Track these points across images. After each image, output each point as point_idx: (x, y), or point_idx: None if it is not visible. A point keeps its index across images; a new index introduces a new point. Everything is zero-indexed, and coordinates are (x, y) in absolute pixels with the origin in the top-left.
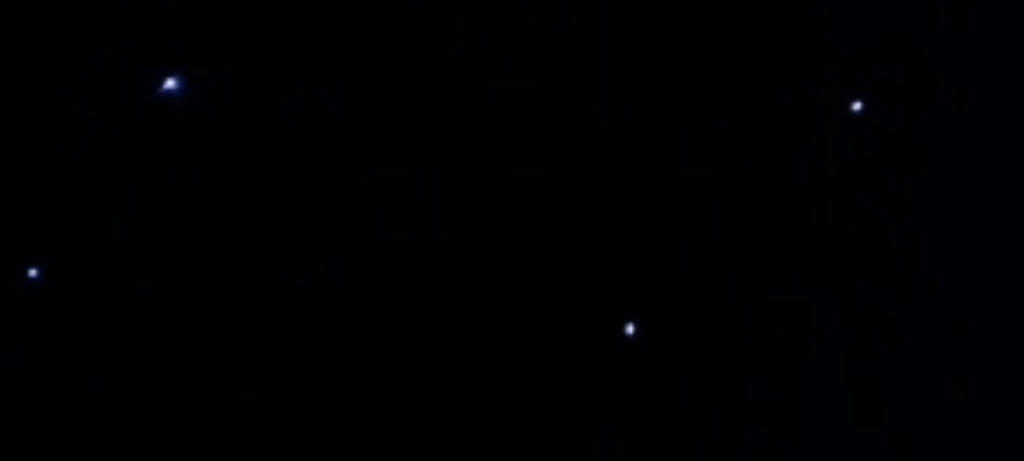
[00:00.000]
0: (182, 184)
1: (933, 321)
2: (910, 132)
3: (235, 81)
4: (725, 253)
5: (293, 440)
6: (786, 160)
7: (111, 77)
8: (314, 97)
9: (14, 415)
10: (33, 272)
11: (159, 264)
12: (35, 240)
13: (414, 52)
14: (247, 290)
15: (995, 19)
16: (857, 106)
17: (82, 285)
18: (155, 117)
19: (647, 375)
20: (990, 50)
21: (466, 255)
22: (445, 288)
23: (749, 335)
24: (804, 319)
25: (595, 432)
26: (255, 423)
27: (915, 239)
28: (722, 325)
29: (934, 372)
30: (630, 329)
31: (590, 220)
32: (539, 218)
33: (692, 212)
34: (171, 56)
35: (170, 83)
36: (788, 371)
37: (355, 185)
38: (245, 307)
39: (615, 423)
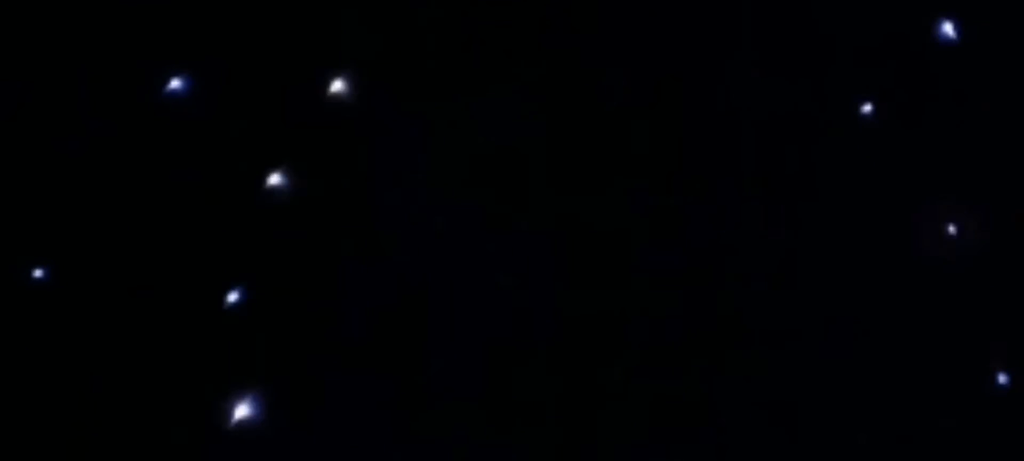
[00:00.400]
0: (187, 186)
1: (937, 323)
2: (915, 134)
3: (240, 82)
4: (729, 254)
5: (294, 440)
6: (790, 162)
7: (116, 78)
8: (318, 98)
9: (14, 415)
10: (38, 273)
11: (164, 266)
12: (41, 242)
13: (418, 52)
14: (251, 291)
15: (999, 19)
16: (867, 108)
17: (87, 287)
18: (160, 118)
19: (648, 376)
20: (994, 50)
21: (469, 254)
22: (448, 287)
23: (752, 335)
24: (807, 321)
25: (597, 432)
26: (257, 423)
27: (919, 241)
28: (724, 325)
29: (938, 374)
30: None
31: (593, 220)
32: (540, 218)
33: (697, 212)
34: (176, 57)
35: (175, 83)
36: (792, 372)
37: (358, 185)
38: (248, 308)
39: (616, 423)
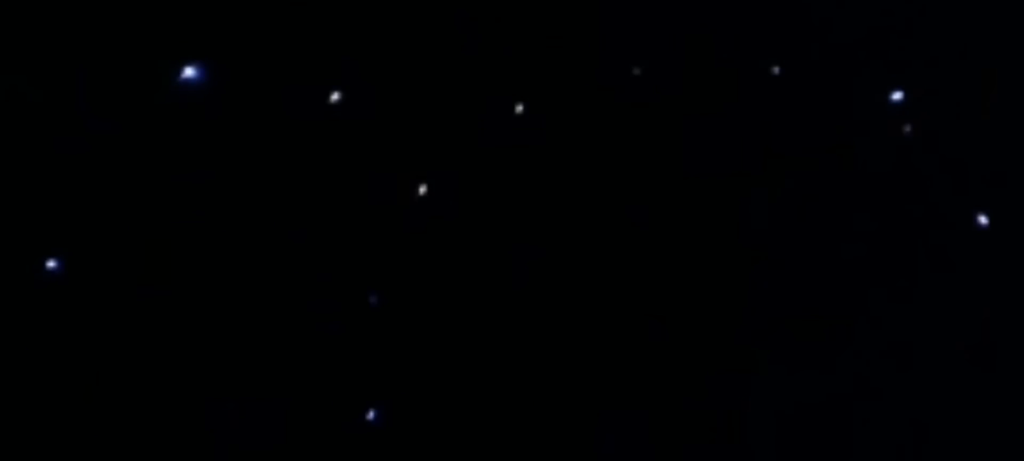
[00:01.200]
0: (191, 185)
1: (953, 324)
2: (928, 132)
3: (243, 81)
4: (739, 253)
5: (295, 441)
6: (800, 161)
7: (122, 74)
8: (319, 97)
9: (16, 415)
10: (52, 263)
11: (170, 265)
12: (41, 242)
13: (417, 52)
14: (254, 291)
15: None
16: (897, 95)
17: (94, 285)
18: (165, 115)
19: (651, 376)
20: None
21: (475, 256)
22: (451, 289)
23: (758, 337)
24: (817, 321)
25: (602, 432)
26: (259, 424)
27: (936, 240)
28: (731, 327)
29: (948, 377)
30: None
31: (598, 221)
32: (543, 218)
33: (709, 210)
34: (181, 54)
35: (189, 71)
36: (801, 373)
37: (360, 186)
38: (251, 308)
39: (623, 423)
